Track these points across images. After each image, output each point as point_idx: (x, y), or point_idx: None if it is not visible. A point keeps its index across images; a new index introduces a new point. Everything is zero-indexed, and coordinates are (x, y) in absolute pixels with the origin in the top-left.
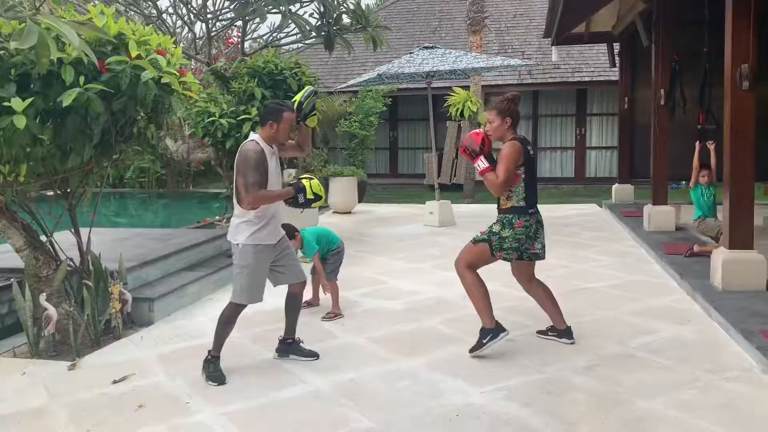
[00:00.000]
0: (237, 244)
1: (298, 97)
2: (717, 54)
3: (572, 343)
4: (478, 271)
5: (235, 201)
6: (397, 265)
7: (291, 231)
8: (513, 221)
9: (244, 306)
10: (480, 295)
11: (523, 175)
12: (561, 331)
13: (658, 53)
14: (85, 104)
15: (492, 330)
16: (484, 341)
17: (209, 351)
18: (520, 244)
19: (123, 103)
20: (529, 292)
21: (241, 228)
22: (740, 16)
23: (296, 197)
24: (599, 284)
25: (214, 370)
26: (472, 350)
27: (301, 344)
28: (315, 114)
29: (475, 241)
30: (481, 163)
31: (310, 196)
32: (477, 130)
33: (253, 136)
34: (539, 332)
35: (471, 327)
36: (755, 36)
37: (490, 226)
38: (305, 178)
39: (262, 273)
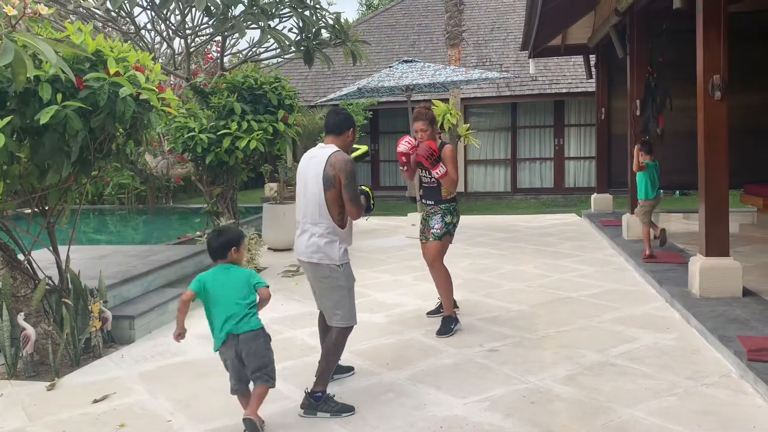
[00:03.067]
0: (339, 265)
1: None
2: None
3: (457, 309)
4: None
5: (323, 218)
6: (379, 278)
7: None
8: (456, 208)
9: (353, 328)
10: (450, 286)
11: None
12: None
13: (633, 65)
14: (63, 121)
15: (455, 318)
16: (453, 327)
17: (313, 390)
18: (458, 226)
19: (101, 119)
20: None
21: (335, 246)
22: (711, 28)
23: (369, 205)
24: (579, 293)
25: (337, 404)
26: (440, 334)
27: (339, 363)
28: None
29: (439, 237)
30: (442, 169)
31: (372, 201)
32: (418, 142)
33: (331, 147)
34: (430, 314)
35: (453, 339)
36: (726, 47)
37: (442, 219)
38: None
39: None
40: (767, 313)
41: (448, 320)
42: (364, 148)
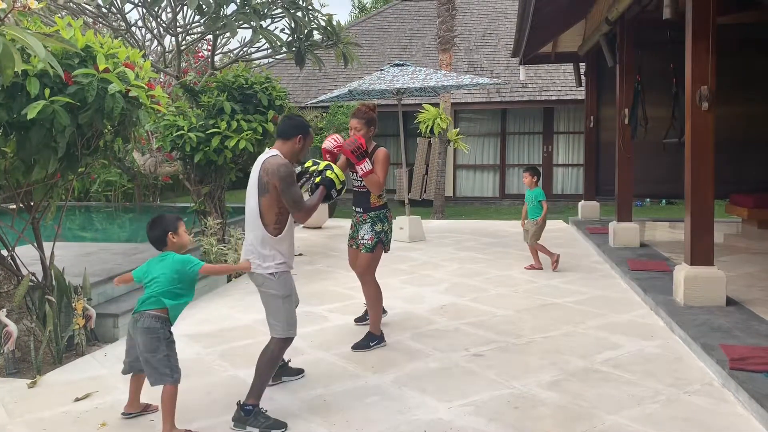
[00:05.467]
0: (272, 274)
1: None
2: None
3: (385, 314)
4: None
5: (255, 226)
6: None
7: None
8: (387, 215)
9: (292, 339)
10: (380, 301)
11: None
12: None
13: (622, 74)
14: (51, 117)
15: (379, 337)
16: (372, 344)
17: (244, 403)
18: (392, 233)
19: (89, 116)
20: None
21: (267, 255)
22: (700, 39)
23: (330, 194)
24: (565, 299)
25: (267, 420)
26: (356, 347)
27: (289, 364)
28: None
29: (371, 249)
30: (368, 165)
31: (339, 186)
32: (352, 136)
33: (272, 151)
34: (357, 320)
35: (440, 342)
36: (714, 58)
37: (371, 228)
38: (325, 169)
39: (295, 298)
40: (750, 323)
41: (370, 336)
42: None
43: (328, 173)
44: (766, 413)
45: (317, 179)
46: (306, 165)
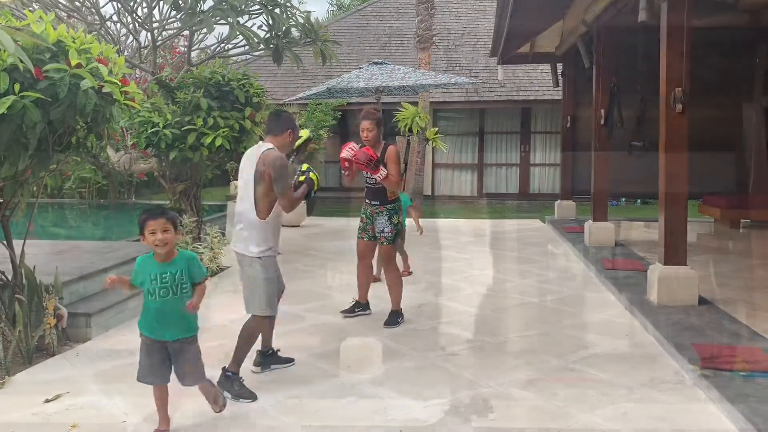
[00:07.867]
0: (258, 257)
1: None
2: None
3: (369, 312)
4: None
5: (248, 211)
6: (344, 279)
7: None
8: (400, 207)
9: (273, 318)
10: (401, 286)
11: None
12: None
13: (598, 75)
14: (21, 112)
15: (402, 314)
16: (399, 320)
17: (226, 369)
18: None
19: (61, 112)
20: (369, 272)
21: (256, 239)
22: (674, 42)
23: (309, 193)
24: (541, 298)
25: (241, 388)
26: (388, 324)
27: (278, 353)
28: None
29: (391, 241)
30: (383, 171)
31: (316, 188)
32: (359, 146)
33: (266, 144)
34: (345, 312)
35: (416, 342)
36: (689, 61)
37: (389, 220)
38: (308, 170)
39: (278, 282)
40: (721, 322)
41: (396, 314)
42: (305, 134)
43: (312, 174)
44: (735, 411)
45: (301, 178)
46: (303, 168)
